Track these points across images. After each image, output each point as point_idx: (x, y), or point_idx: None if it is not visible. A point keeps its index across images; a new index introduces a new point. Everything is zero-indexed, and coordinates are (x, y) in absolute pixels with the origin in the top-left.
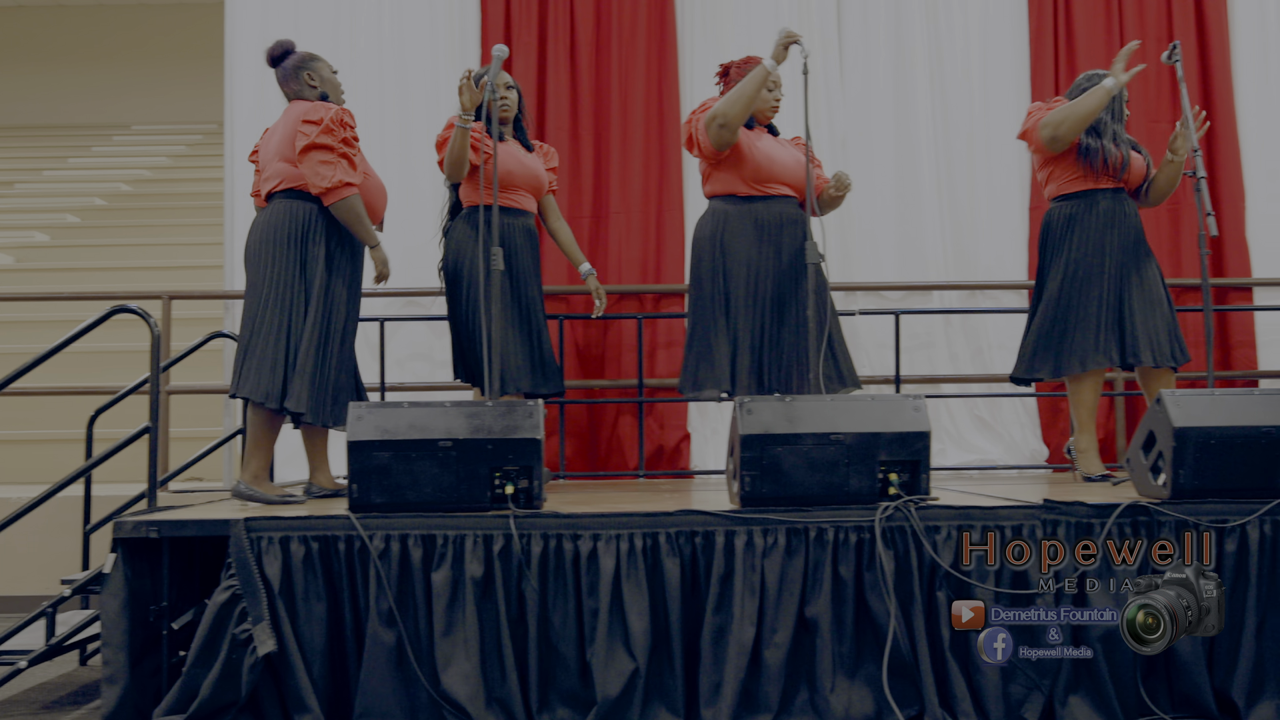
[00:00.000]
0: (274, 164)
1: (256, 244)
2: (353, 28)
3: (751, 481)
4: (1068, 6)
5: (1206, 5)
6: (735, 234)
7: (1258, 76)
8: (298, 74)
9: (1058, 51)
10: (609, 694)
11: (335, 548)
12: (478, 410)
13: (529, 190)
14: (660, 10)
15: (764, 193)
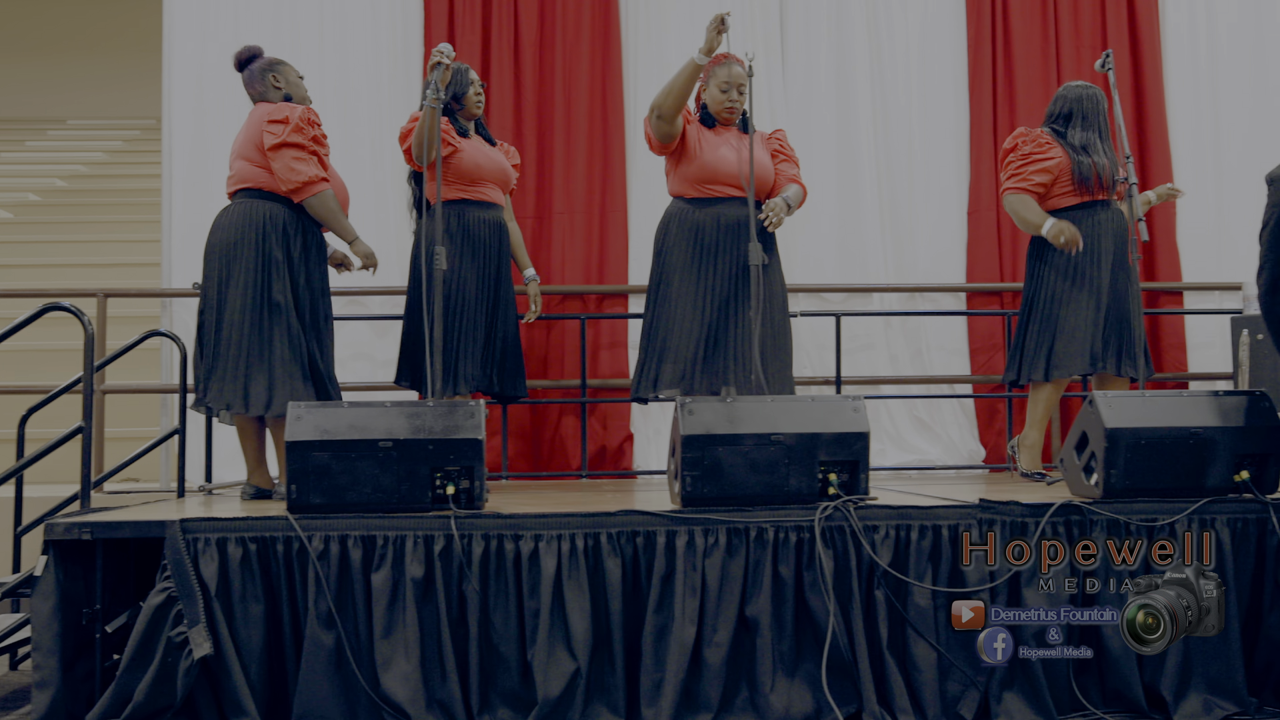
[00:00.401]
0: (236, 164)
1: (217, 243)
2: (294, 25)
3: (693, 482)
4: (1005, 15)
5: (1139, 15)
6: (676, 237)
7: (1188, 84)
8: (264, 76)
9: (995, 59)
10: (550, 694)
11: (273, 549)
12: (418, 410)
13: (497, 184)
14: (604, 11)
15: (708, 195)
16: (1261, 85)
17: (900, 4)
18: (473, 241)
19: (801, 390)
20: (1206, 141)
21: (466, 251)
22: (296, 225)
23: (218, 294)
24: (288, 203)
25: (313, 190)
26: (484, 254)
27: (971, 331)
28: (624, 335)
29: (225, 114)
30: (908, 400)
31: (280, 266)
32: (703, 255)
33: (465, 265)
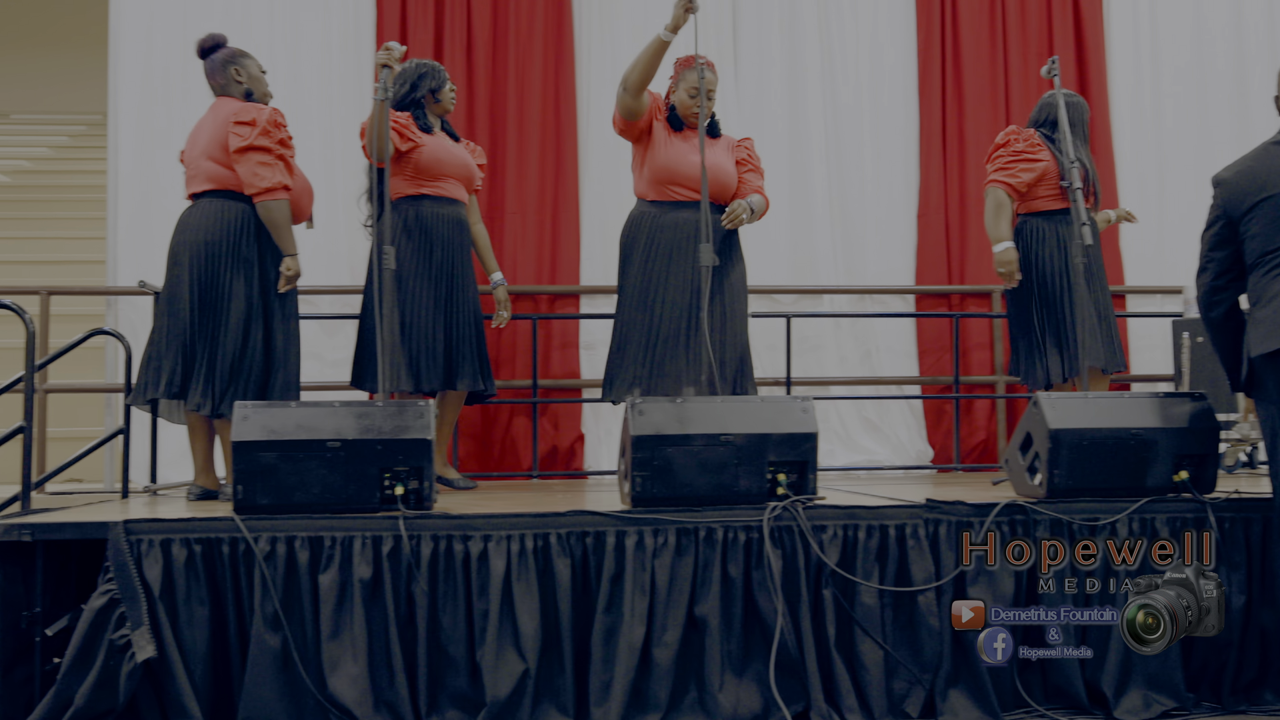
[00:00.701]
0: (202, 163)
1: (187, 242)
2: (245, 22)
3: (642, 482)
4: (954, 22)
5: (1085, 22)
6: (640, 240)
7: (1132, 90)
8: (225, 69)
9: (944, 65)
10: (499, 695)
11: (219, 550)
12: (367, 411)
13: (460, 180)
14: (558, 12)
15: (670, 197)
16: (1202, 92)
17: (851, 10)
18: (430, 238)
19: None
20: (1149, 146)
21: (424, 248)
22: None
23: (188, 292)
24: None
25: (272, 197)
26: (443, 250)
27: (920, 333)
28: (575, 336)
29: (172, 110)
30: (857, 401)
31: (253, 268)
32: (667, 258)
33: (422, 262)
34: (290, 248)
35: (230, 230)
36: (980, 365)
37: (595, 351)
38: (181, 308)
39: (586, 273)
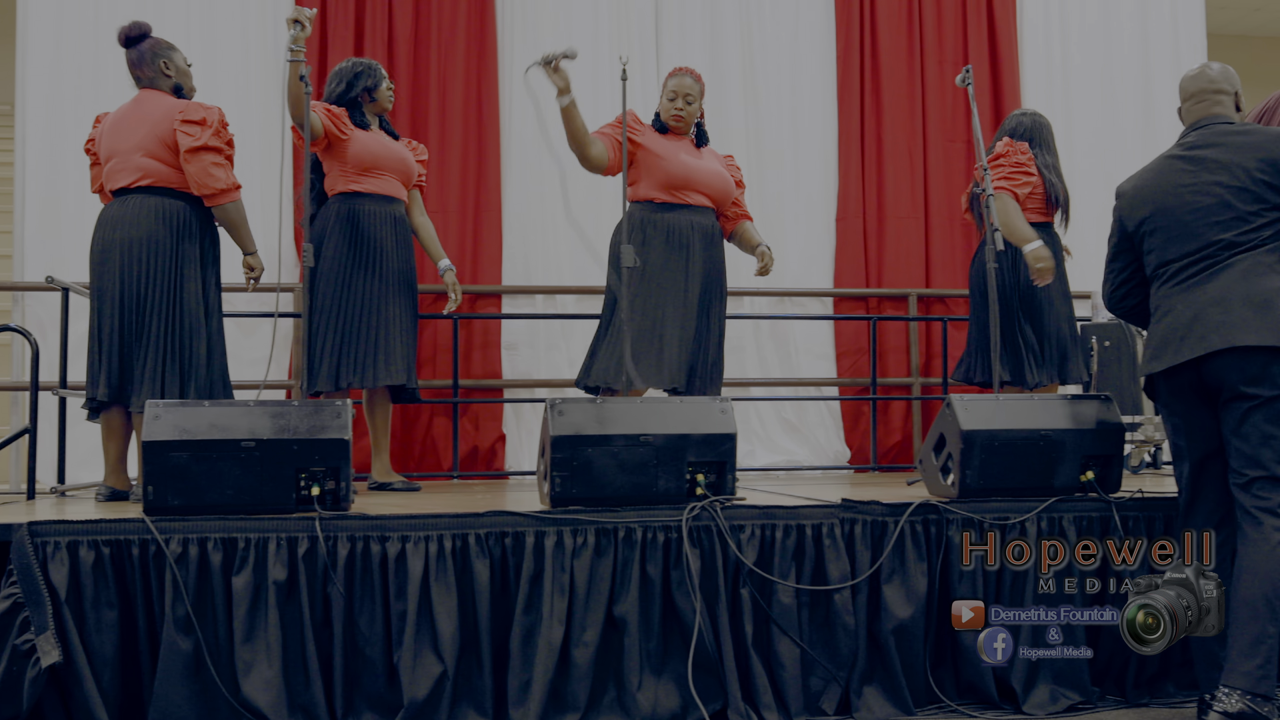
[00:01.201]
0: (134, 158)
1: (119, 241)
2: (159, 13)
3: (562, 482)
4: (873, 29)
5: (999, 33)
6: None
7: (1043, 99)
8: (154, 60)
9: (863, 71)
10: (416, 697)
11: (129, 552)
12: (283, 410)
13: (396, 176)
14: (480, 10)
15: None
16: (1110, 102)
17: (772, 17)
18: (363, 235)
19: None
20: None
21: (358, 245)
22: (204, 225)
23: (123, 291)
24: (196, 201)
25: (229, 198)
26: (376, 247)
27: (838, 336)
28: (497, 336)
29: (82, 102)
30: (776, 403)
31: (195, 266)
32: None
33: (354, 259)
34: (250, 245)
35: (173, 228)
36: (897, 367)
37: (517, 351)
38: (114, 308)
39: (509, 272)
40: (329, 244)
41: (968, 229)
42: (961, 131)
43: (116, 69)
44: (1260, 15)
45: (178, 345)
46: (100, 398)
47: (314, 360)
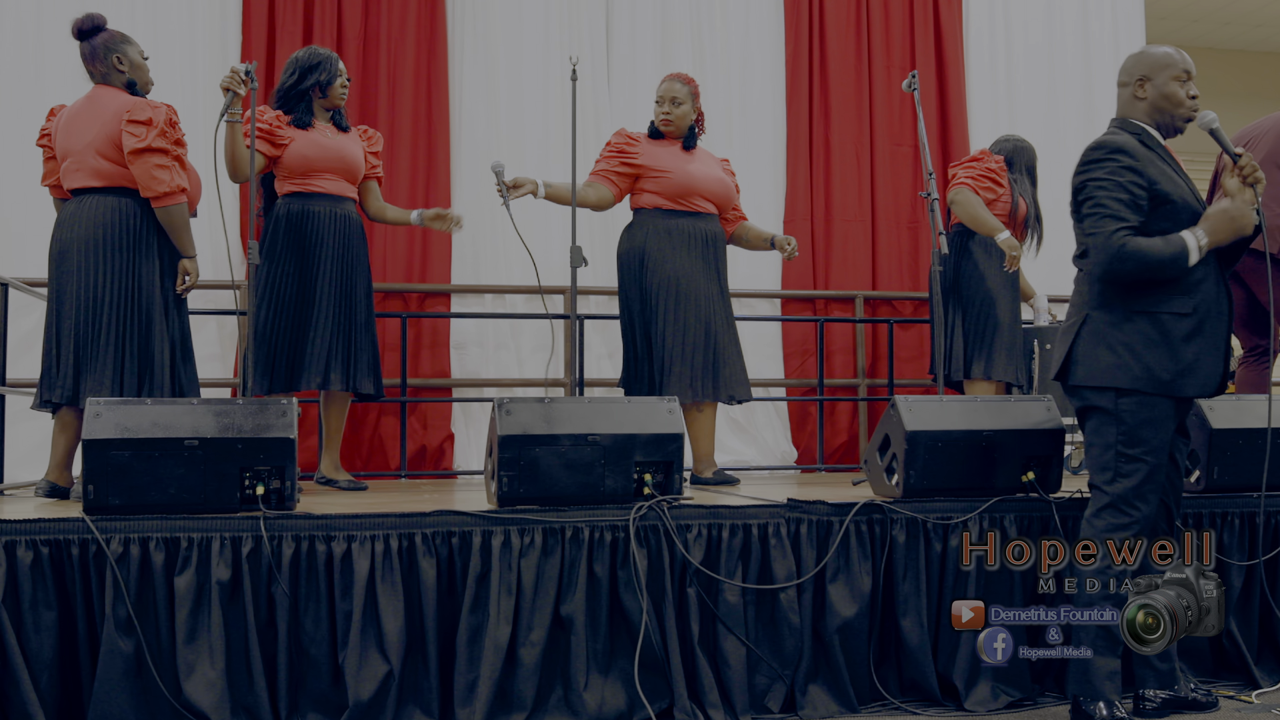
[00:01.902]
0: (88, 158)
1: (77, 240)
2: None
3: (509, 482)
4: (822, 34)
5: (945, 38)
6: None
7: (988, 102)
8: (107, 56)
9: (812, 75)
10: (361, 697)
11: (68, 552)
12: (227, 409)
13: (338, 174)
14: (430, 8)
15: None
16: (1052, 108)
17: (723, 21)
18: (303, 237)
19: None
20: None
21: (299, 246)
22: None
23: (83, 290)
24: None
25: (171, 201)
26: (319, 248)
27: (785, 337)
28: (446, 335)
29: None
30: (725, 405)
31: (154, 264)
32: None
33: (295, 261)
34: (189, 249)
35: (130, 228)
36: (844, 368)
37: (465, 351)
38: (72, 308)
39: (458, 272)
40: (276, 245)
41: (914, 232)
42: (908, 136)
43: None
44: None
45: (136, 346)
46: (56, 399)
47: (267, 361)
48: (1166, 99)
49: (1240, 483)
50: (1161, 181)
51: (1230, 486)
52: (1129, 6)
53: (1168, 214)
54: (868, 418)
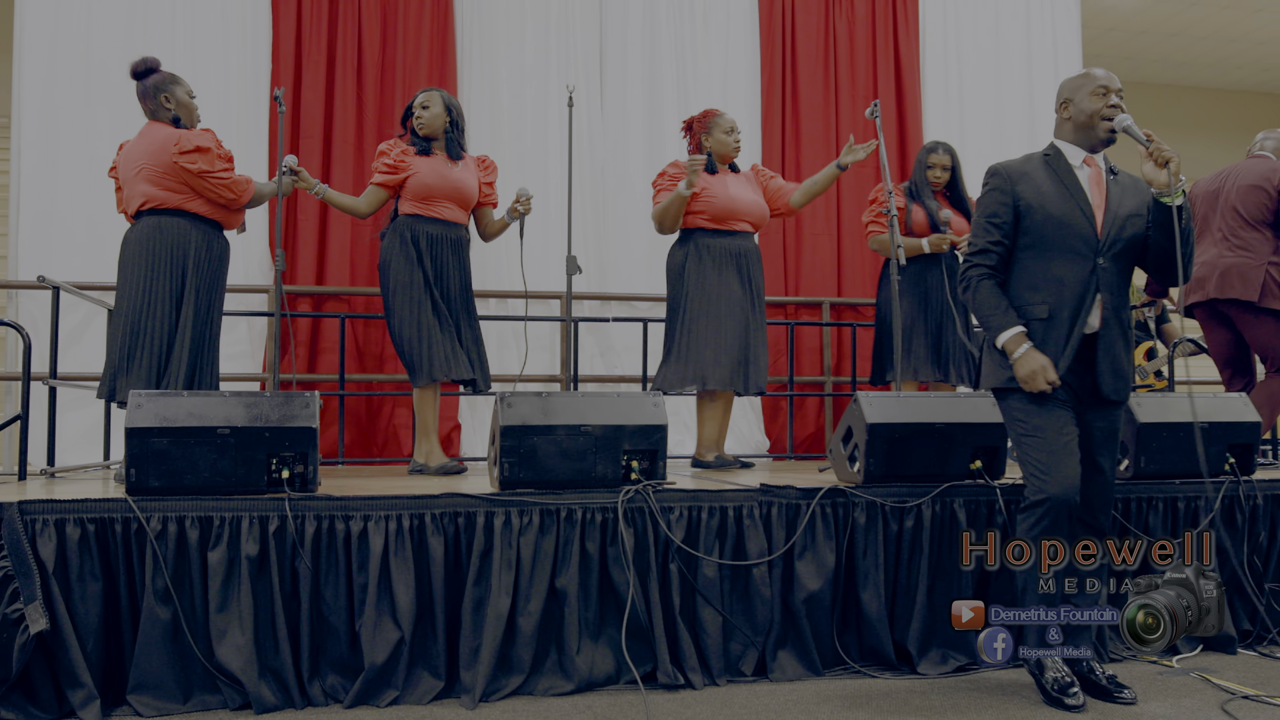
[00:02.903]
0: (139, 185)
1: (132, 257)
2: (145, 34)
3: (510, 467)
4: (794, 65)
5: (904, 70)
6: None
7: (942, 126)
8: (156, 94)
9: (784, 103)
10: (376, 661)
11: (112, 529)
12: (256, 400)
13: (453, 202)
14: (442, 39)
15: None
16: (998, 133)
17: (705, 53)
18: (421, 251)
19: (612, 387)
20: None
21: (416, 259)
22: (199, 239)
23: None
24: (194, 218)
25: (247, 196)
26: (432, 264)
27: None
28: None
29: (75, 112)
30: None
31: (192, 276)
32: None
33: (415, 271)
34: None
35: (175, 244)
36: (811, 367)
37: None
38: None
39: None
40: (401, 259)
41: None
42: (871, 158)
43: (106, 84)
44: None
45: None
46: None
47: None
48: (1086, 115)
49: (1164, 471)
50: (1030, 197)
51: (1155, 474)
52: (1068, 42)
53: (1027, 228)
54: (833, 411)
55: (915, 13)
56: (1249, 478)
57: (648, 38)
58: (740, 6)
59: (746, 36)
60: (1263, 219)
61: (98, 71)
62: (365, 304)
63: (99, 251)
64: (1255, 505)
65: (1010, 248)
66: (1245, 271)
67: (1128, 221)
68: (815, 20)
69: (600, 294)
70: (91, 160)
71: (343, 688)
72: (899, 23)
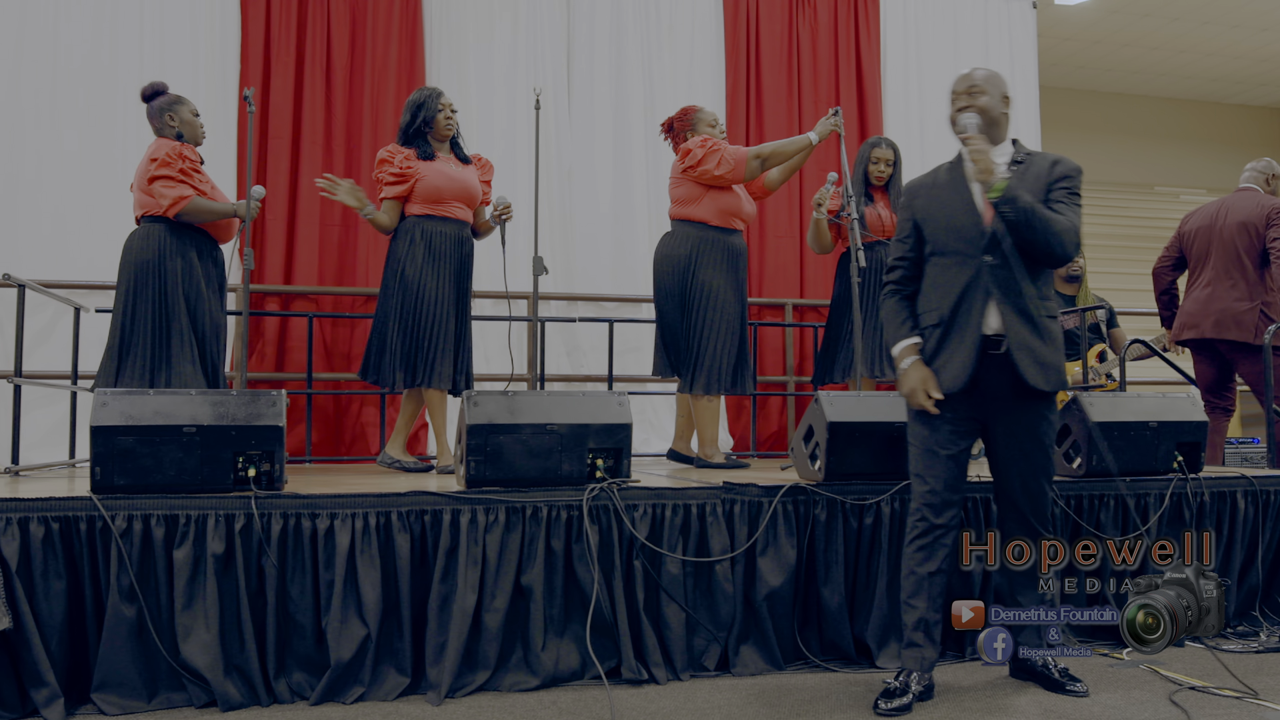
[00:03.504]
0: (136, 194)
1: (124, 263)
2: (114, 33)
3: (476, 466)
4: (758, 72)
5: (865, 77)
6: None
7: (902, 133)
8: (161, 115)
9: (749, 107)
10: (342, 658)
11: (76, 527)
12: (222, 399)
13: (460, 201)
14: (411, 40)
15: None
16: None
17: (671, 59)
18: (434, 253)
19: (579, 386)
20: None
21: (430, 261)
22: (182, 242)
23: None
24: (170, 224)
25: (180, 206)
26: (445, 264)
27: None
28: None
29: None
30: (668, 396)
31: (174, 277)
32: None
33: (428, 272)
34: (229, 209)
35: (153, 249)
36: (774, 367)
37: None
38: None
39: None
40: (413, 259)
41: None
42: (832, 164)
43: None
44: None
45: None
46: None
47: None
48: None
49: (1116, 469)
50: (924, 208)
51: (1107, 472)
52: (1024, 51)
53: (927, 238)
54: (795, 411)
55: (876, 20)
56: (1196, 475)
57: (614, 41)
58: (705, 13)
59: (712, 41)
60: (1252, 258)
61: (64, 69)
62: (333, 303)
63: (66, 250)
64: (1203, 502)
65: (918, 260)
66: (1240, 315)
67: None
68: (779, 26)
69: (567, 294)
70: (59, 157)
71: (309, 685)
72: (860, 30)
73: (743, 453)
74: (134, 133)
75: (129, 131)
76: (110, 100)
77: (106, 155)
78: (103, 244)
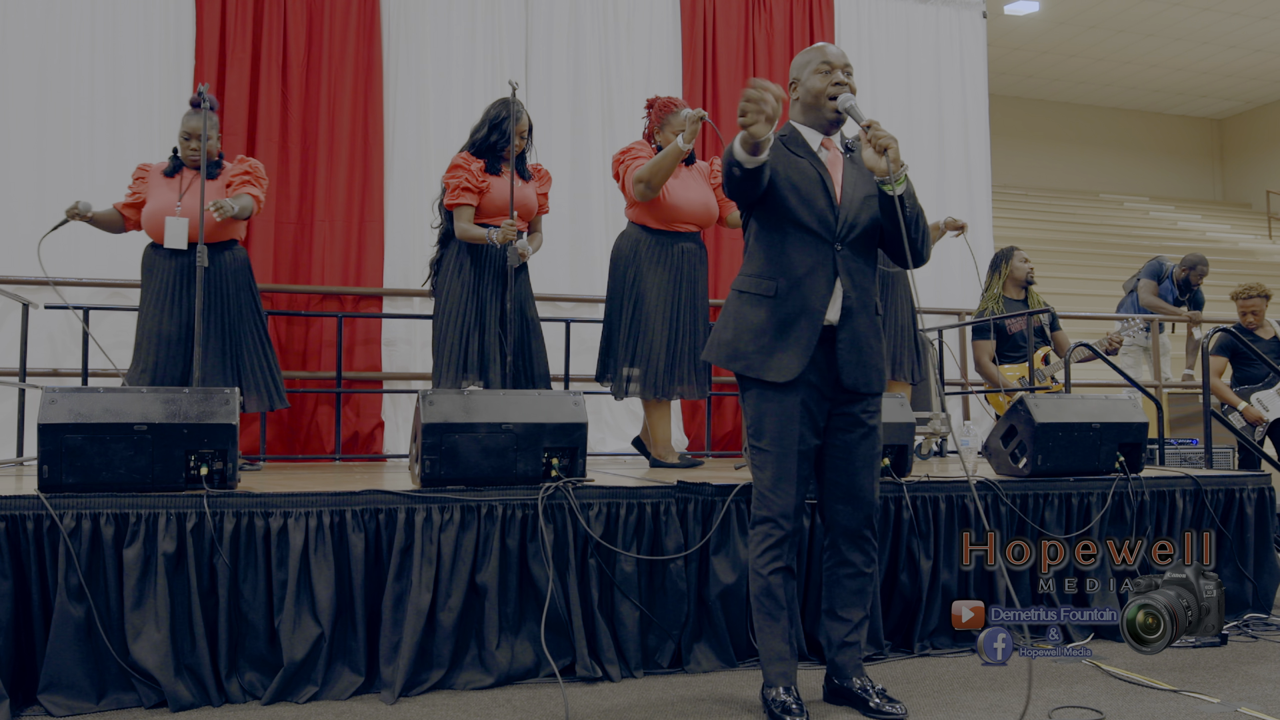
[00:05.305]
0: None
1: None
2: (64, 28)
3: (431, 464)
4: (714, 76)
5: None
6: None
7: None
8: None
9: (704, 106)
10: (295, 657)
11: (23, 526)
12: (174, 397)
13: (521, 217)
14: (368, 38)
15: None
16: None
17: (628, 56)
18: (495, 263)
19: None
20: None
21: (489, 270)
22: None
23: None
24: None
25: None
26: (504, 274)
27: None
28: (378, 333)
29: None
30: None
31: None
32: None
33: (486, 280)
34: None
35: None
36: None
37: (395, 348)
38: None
39: (389, 276)
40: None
41: None
42: None
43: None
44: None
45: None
46: None
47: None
48: (812, 94)
49: (1060, 468)
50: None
51: (1051, 472)
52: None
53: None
54: None
55: (831, 26)
56: (1137, 475)
57: (572, 42)
58: (663, 15)
59: (669, 44)
60: None
61: (15, 64)
62: (288, 301)
63: (16, 245)
64: (1143, 501)
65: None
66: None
67: (864, 204)
68: (735, 31)
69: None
70: (6, 150)
71: (261, 684)
72: (815, 36)
73: (698, 452)
74: (83, 127)
75: (79, 125)
76: (62, 94)
77: (57, 149)
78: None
